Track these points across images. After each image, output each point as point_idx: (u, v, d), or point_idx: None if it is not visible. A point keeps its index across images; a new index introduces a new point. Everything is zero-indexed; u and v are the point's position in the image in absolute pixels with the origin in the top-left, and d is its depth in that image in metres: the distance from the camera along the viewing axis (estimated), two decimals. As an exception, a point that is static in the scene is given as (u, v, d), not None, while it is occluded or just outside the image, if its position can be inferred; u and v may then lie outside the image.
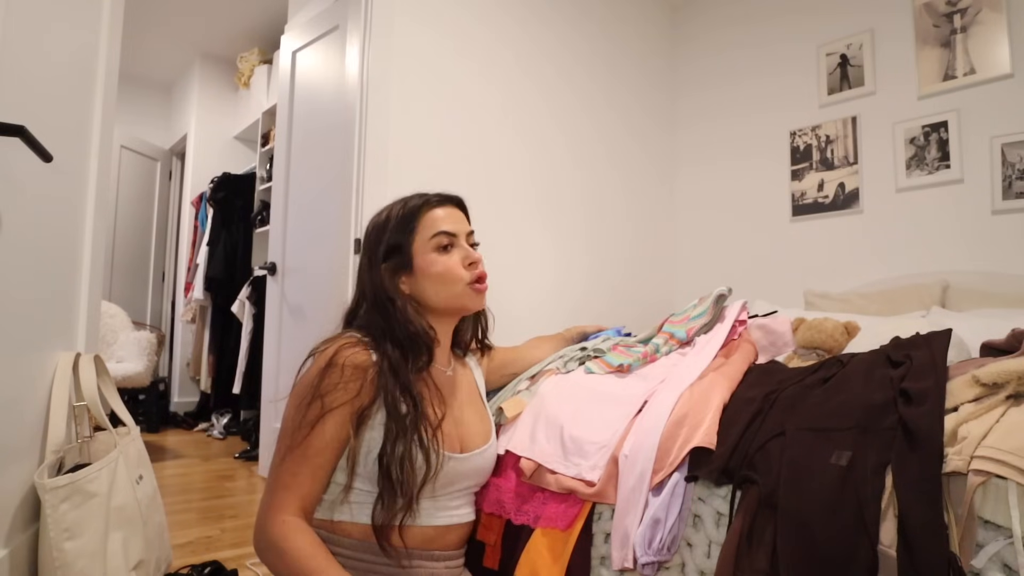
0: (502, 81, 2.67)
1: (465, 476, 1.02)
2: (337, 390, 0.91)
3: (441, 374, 1.08)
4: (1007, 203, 2.31)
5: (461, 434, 1.03)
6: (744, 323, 1.44)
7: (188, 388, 4.47)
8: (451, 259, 1.04)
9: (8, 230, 1.07)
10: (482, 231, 1.17)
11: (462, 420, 1.06)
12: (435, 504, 0.98)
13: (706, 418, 1.00)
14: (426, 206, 1.06)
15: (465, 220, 1.11)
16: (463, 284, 1.03)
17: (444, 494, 1.00)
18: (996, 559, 0.72)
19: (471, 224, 1.12)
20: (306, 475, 0.89)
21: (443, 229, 1.04)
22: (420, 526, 0.96)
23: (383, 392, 0.93)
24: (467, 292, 1.04)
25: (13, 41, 1.07)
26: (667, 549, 0.94)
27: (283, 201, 2.86)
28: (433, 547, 0.98)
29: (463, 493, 1.04)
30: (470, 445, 1.04)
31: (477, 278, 1.04)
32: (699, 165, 3.37)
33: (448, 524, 1.00)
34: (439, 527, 0.98)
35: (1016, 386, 0.85)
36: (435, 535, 0.98)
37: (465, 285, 1.03)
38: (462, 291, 1.04)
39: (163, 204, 4.86)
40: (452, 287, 1.03)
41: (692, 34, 3.46)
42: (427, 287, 1.04)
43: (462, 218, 1.10)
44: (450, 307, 1.07)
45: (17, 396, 1.13)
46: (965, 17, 2.45)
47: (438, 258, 1.03)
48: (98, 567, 1.10)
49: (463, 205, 1.13)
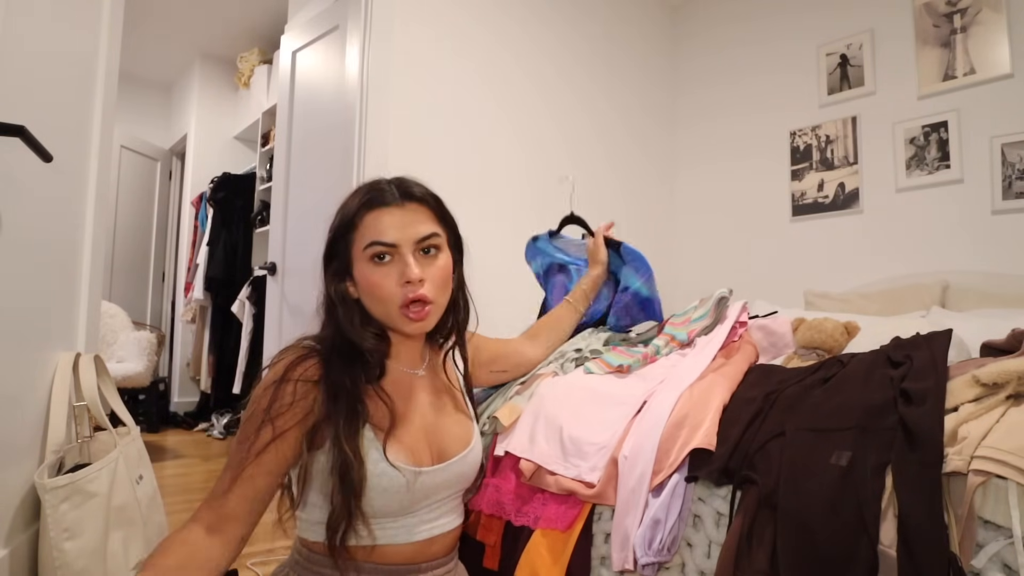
0: (502, 81, 2.67)
1: (445, 486, 0.93)
2: (290, 411, 0.83)
3: (408, 378, 0.97)
4: (1007, 203, 2.31)
5: (438, 443, 0.94)
6: (745, 324, 1.44)
7: (188, 388, 4.47)
8: (385, 274, 0.88)
9: (8, 230, 1.07)
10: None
11: (437, 428, 0.95)
12: (414, 519, 0.90)
13: (706, 419, 1.00)
14: (364, 208, 0.90)
15: (423, 221, 0.92)
16: (393, 306, 0.88)
17: (422, 507, 0.91)
18: (996, 559, 0.72)
19: (440, 222, 0.95)
20: (239, 498, 0.82)
21: (378, 239, 0.88)
22: (397, 544, 0.89)
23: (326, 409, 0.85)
24: (399, 316, 0.89)
25: (13, 41, 1.07)
26: (667, 550, 0.94)
27: (283, 201, 2.87)
28: (420, 560, 0.92)
29: (445, 502, 0.95)
30: (449, 453, 0.94)
31: (409, 301, 0.87)
32: (699, 165, 3.37)
33: (430, 536, 0.92)
34: (421, 542, 0.91)
35: (1016, 386, 0.85)
36: (420, 548, 0.91)
37: (396, 308, 0.88)
38: (393, 313, 0.89)
39: (163, 204, 4.86)
40: (383, 306, 0.89)
41: (693, 31, 3.47)
42: (365, 300, 0.92)
43: (416, 220, 0.91)
44: (388, 326, 0.93)
45: (17, 396, 1.13)
46: (965, 17, 2.45)
47: (373, 271, 0.88)
48: (98, 567, 1.10)
49: (428, 200, 0.94)
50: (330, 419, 0.84)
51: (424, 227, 0.91)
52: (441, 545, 0.95)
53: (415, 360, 1.00)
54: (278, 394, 0.84)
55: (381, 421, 0.88)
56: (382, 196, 0.91)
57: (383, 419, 0.88)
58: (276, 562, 1.02)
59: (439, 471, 0.91)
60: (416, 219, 0.91)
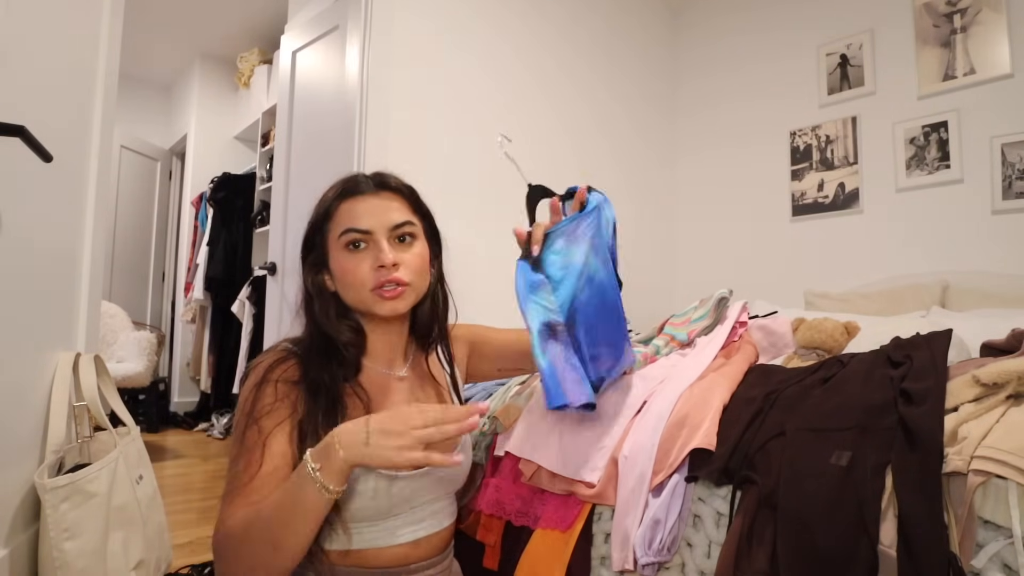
0: (502, 75, 2.67)
1: (426, 491, 0.92)
2: (274, 411, 0.85)
3: (385, 379, 0.97)
4: (1007, 203, 2.31)
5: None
6: (745, 324, 1.44)
7: (188, 388, 4.47)
8: (359, 261, 0.91)
9: (8, 230, 1.07)
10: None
11: None
12: (396, 522, 0.90)
13: (706, 419, 1.00)
14: (339, 198, 0.94)
15: (398, 209, 0.94)
16: (366, 290, 0.91)
17: (404, 511, 0.90)
18: (996, 559, 0.72)
19: (416, 212, 0.96)
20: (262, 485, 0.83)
21: (351, 226, 0.91)
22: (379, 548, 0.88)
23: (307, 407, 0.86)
24: (372, 298, 0.91)
25: (13, 41, 1.07)
26: (667, 550, 0.94)
27: (283, 201, 2.86)
28: (408, 561, 0.91)
29: (429, 504, 0.94)
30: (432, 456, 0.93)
31: (382, 283, 0.90)
32: (699, 165, 3.38)
33: (415, 539, 0.91)
34: (406, 544, 0.91)
35: (1016, 386, 0.85)
36: (406, 551, 0.91)
37: (368, 290, 0.91)
38: (367, 297, 0.91)
39: (163, 204, 4.86)
40: (358, 292, 0.92)
41: (693, 20, 3.49)
42: (340, 289, 0.94)
43: (390, 208, 0.93)
44: (362, 312, 0.95)
45: (17, 396, 1.13)
46: (965, 17, 2.45)
47: (347, 258, 0.92)
48: (98, 567, 1.09)
49: (402, 190, 0.96)
50: (311, 416, 0.86)
51: (398, 215, 0.93)
52: (429, 546, 0.94)
53: (394, 359, 1.00)
54: (259, 395, 0.86)
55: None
56: (357, 186, 0.94)
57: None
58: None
59: (419, 476, 0.90)
60: (390, 207, 0.93)
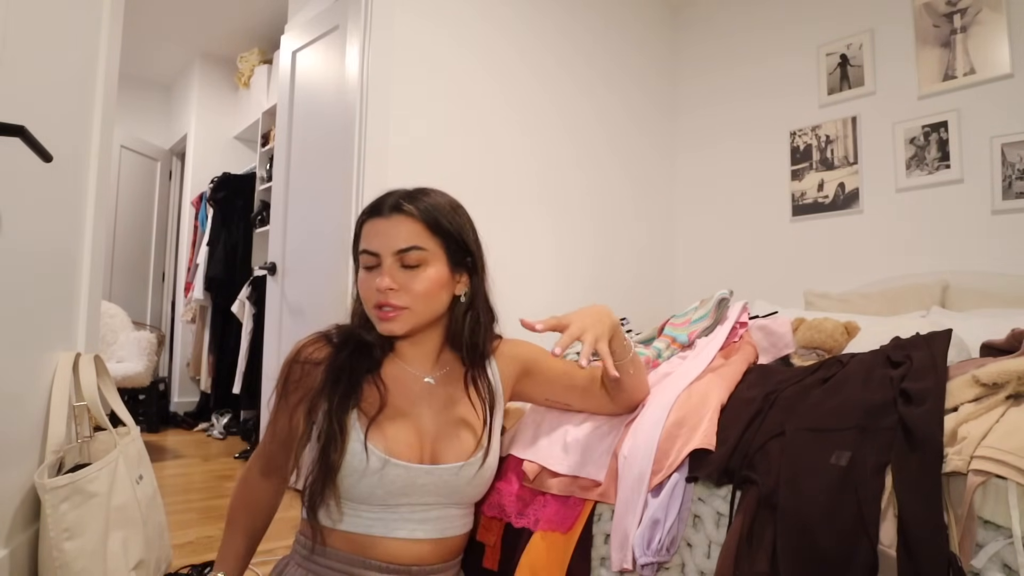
0: (503, 74, 2.67)
1: (428, 491, 0.93)
2: (299, 387, 0.98)
3: (412, 379, 1.01)
4: (1007, 203, 2.31)
5: (432, 447, 0.95)
6: (745, 324, 1.44)
7: (188, 388, 4.47)
8: (369, 279, 0.96)
9: (8, 230, 1.07)
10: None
11: (436, 434, 0.97)
12: (394, 515, 0.92)
13: (704, 419, 1.00)
14: (365, 215, 1.00)
15: (405, 233, 0.95)
16: (370, 307, 0.97)
17: (403, 505, 0.93)
18: (996, 559, 0.72)
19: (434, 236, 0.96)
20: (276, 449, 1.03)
21: (365, 247, 0.98)
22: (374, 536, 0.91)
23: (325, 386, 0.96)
24: (374, 317, 0.97)
25: (13, 41, 1.07)
26: (666, 550, 0.94)
27: (283, 201, 2.86)
28: (410, 561, 0.92)
29: (432, 507, 0.95)
30: (440, 459, 0.95)
31: (380, 304, 0.95)
32: (699, 165, 3.38)
33: (414, 539, 0.93)
34: (405, 541, 0.92)
35: (1016, 386, 0.85)
36: (408, 549, 0.92)
37: (371, 308, 0.97)
38: (371, 314, 0.97)
39: (163, 204, 4.86)
40: (366, 307, 0.99)
41: (693, 19, 3.48)
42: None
43: (398, 233, 0.95)
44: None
45: (17, 396, 1.14)
46: (965, 17, 2.45)
47: (362, 276, 0.99)
48: (98, 567, 1.10)
49: (417, 214, 0.96)
50: (326, 395, 0.94)
51: (404, 240, 0.95)
52: (431, 551, 0.95)
53: (426, 366, 1.03)
54: (288, 373, 1.00)
55: (369, 408, 0.95)
56: (378, 206, 0.99)
57: (372, 406, 0.95)
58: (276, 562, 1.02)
59: (422, 472, 0.93)
60: (398, 232, 0.95)
